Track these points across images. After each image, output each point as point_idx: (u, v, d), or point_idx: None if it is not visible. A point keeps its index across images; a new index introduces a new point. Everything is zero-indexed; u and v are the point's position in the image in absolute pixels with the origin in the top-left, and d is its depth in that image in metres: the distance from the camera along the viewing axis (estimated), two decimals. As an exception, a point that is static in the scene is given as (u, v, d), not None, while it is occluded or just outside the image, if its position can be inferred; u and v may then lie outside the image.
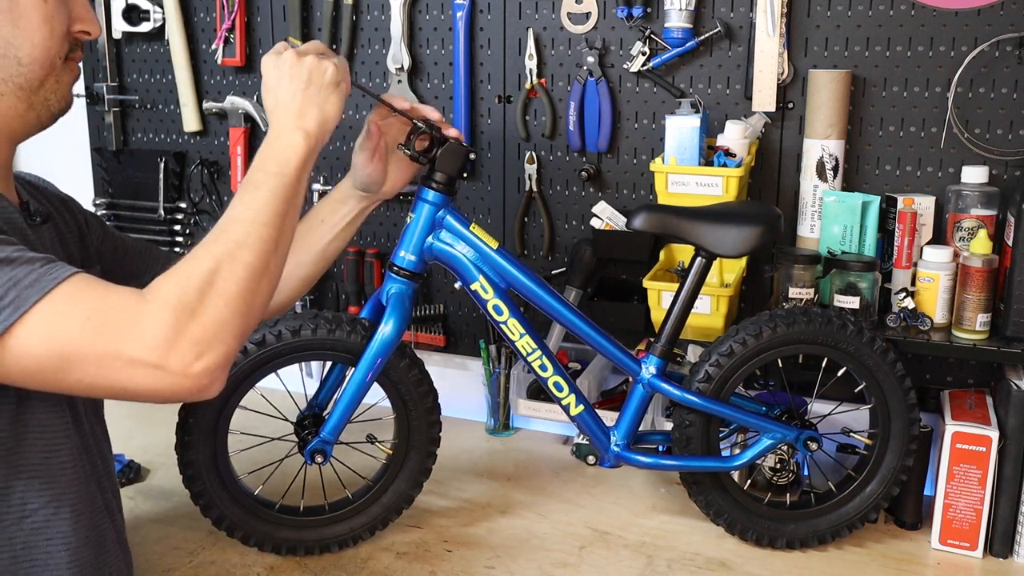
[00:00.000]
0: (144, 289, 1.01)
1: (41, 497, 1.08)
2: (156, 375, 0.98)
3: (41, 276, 0.96)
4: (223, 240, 1.07)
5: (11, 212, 1.11)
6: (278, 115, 1.21)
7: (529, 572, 1.47)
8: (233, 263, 1.05)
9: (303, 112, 1.21)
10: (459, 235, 1.45)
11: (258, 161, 1.18)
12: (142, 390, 0.99)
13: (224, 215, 1.11)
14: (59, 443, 1.10)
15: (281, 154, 1.17)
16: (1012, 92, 1.61)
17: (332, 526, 1.53)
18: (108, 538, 1.19)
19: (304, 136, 1.19)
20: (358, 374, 1.43)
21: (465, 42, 1.90)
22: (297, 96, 1.21)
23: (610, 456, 1.54)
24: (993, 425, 1.48)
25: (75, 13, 1.13)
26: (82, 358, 0.96)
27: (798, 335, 1.46)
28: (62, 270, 0.98)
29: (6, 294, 0.94)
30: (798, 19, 1.70)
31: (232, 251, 1.06)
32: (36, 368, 0.97)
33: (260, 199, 1.12)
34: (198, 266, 1.03)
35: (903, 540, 1.57)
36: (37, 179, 1.30)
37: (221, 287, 1.03)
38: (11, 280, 0.95)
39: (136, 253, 1.41)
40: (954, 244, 1.59)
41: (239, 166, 2.11)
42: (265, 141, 1.20)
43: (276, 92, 1.22)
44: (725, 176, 1.58)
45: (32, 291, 0.95)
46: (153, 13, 2.10)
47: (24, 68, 1.08)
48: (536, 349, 1.48)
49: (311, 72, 1.22)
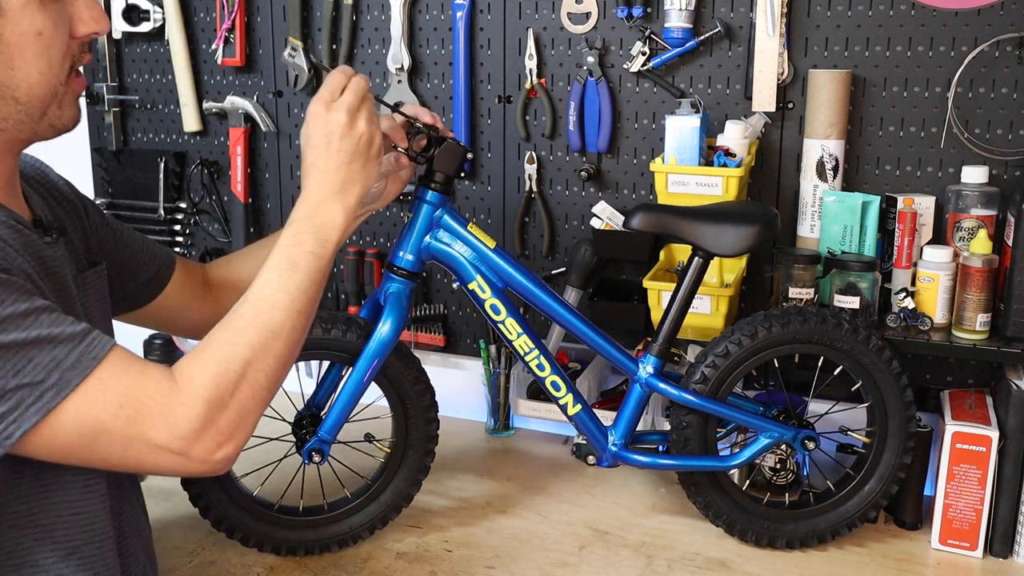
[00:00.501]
0: (176, 370, 1.03)
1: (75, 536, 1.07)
2: (178, 460, 1.01)
3: (82, 356, 0.96)
4: (259, 327, 1.08)
5: (29, 235, 1.06)
6: (319, 182, 1.20)
7: (529, 572, 1.47)
8: (266, 355, 1.07)
9: (346, 187, 1.20)
10: (457, 235, 1.45)
11: (296, 230, 1.17)
12: (161, 471, 1.03)
13: (260, 291, 1.11)
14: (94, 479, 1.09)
15: (322, 232, 1.17)
16: (1012, 92, 1.61)
17: (331, 526, 1.53)
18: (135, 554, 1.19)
19: (345, 212, 1.20)
20: (356, 373, 1.43)
21: (465, 42, 1.90)
22: (342, 170, 1.20)
23: (608, 456, 1.54)
24: (993, 425, 1.48)
25: (77, 15, 1.04)
26: (111, 441, 0.98)
27: (793, 335, 1.46)
28: (99, 347, 0.97)
29: (48, 376, 0.94)
30: (798, 19, 1.70)
31: (267, 342, 1.07)
32: (65, 449, 0.97)
33: (296, 283, 1.12)
34: (234, 356, 1.04)
35: (903, 540, 1.56)
36: (36, 167, 1.25)
37: (252, 379, 1.05)
38: (53, 360, 0.94)
39: (133, 247, 1.38)
40: (954, 244, 1.59)
41: (239, 166, 2.11)
42: (303, 206, 1.19)
43: (321, 154, 1.20)
44: (725, 176, 1.58)
45: (73, 373, 0.95)
46: (153, 13, 2.10)
47: (23, 105, 1.02)
48: (534, 348, 1.48)
49: (361, 145, 1.21)
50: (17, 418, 0.93)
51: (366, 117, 1.22)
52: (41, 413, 0.93)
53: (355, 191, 1.22)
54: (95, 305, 1.20)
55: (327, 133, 1.20)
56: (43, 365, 0.93)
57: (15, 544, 1.03)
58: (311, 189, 1.20)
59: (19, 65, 0.99)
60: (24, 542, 1.03)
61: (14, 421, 0.93)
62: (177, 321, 1.47)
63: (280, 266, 1.13)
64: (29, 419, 0.93)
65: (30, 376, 0.93)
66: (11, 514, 1.02)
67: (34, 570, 1.04)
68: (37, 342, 0.93)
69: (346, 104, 1.21)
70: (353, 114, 1.21)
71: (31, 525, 1.04)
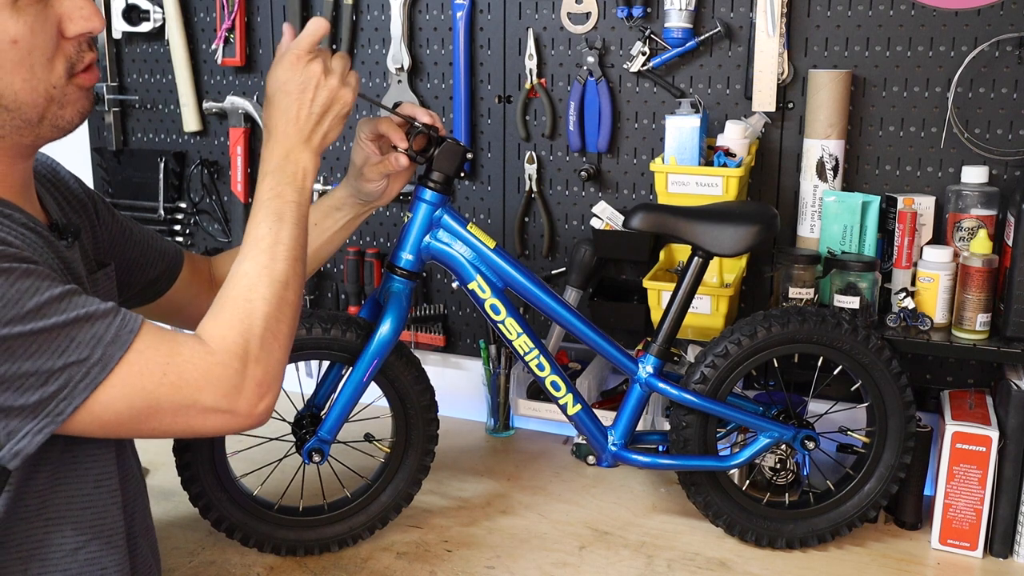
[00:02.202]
0: (204, 336, 1.07)
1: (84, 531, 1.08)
2: (227, 418, 1.06)
3: (119, 330, 0.99)
4: (269, 281, 1.13)
5: (49, 239, 1.07)
6: (287, 129, 1.21)
7: (529, 572, 1.47)
8: (283, 305, 1.13)
9: (314, 135, 1.22)
10: (456, 234, 1.45)
11: (273, 182, 1.19)
12: (211, 431, 1.07)
13: (258, 244, 1.15)
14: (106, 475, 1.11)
15: (297, 179, 1.20)
16: (1012, 92, 1.61)
17: (331, 525, 1.53)
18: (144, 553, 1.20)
19: (313, 158, 1.22)
20: (356, 373, 1.43)
21: (465, 42, 1.90)
22: (312, 119, 1.22)
23: (607, 455, 1.54)
24: (993, 425, 1.48)
25: (66, 14, 1.01)
26: (160, 410, 1.02)
27: (793, 334, 1.46)
28: (133, 320, 1.01)
29: (92, 352, 0.97)
30: (798, 19, 1.70)
31: (280, 293, 1.13)
32: (115, 423, 1.00)
33: (288, 232, 1.17)
34: (254, 312, 1.10)
35: (903, 540, 1.56)
36: (48, 164, 1.24)
37: (275, 329, 1.11)
38: (94, 337, 0.97)
39: (143, 245, 1.39)
40: (954, 244, 1.59)
41: (239, 166, 2.11)
42: (272, 154, 1.20)
43: (292, 102, 1.20)
44: (725, 176, 1.58)
45: (115, 347, 0.98)
46: (153, 13, 2.11)
47: (14, 112, 1.01)
48: (533, 348, 1.48)
49: (333, 100, 1.23)
50: (67, 395, 0.96)
51: (339, 74, 1.24)
52: (90, 389, 0.96)
53: (318, 141, 1.23)
54: None
55: (299, 84, 1.20)
56: (85, 342, 0.96)
57: (25, 536, 1.04)
58: (279, 137, 1.21)
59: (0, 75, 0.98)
60: (35, 535, 1.05)
61: (64, 398, 0.96)
62: (183, 314, 1.48)
63: (268, 220, 1.16)
64: (79, 395, 0.96)
65: (75, 354, 0.96)
66: (23, 507, 1.03)
67: (43, 563, 1.05)
68: (76, 322, 0.96)
69: (322, 57, 1.23)
70: (328, 67, 1.22)
71: (42, 518, 1.05)
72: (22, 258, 0.96)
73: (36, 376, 0.94)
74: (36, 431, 0.96)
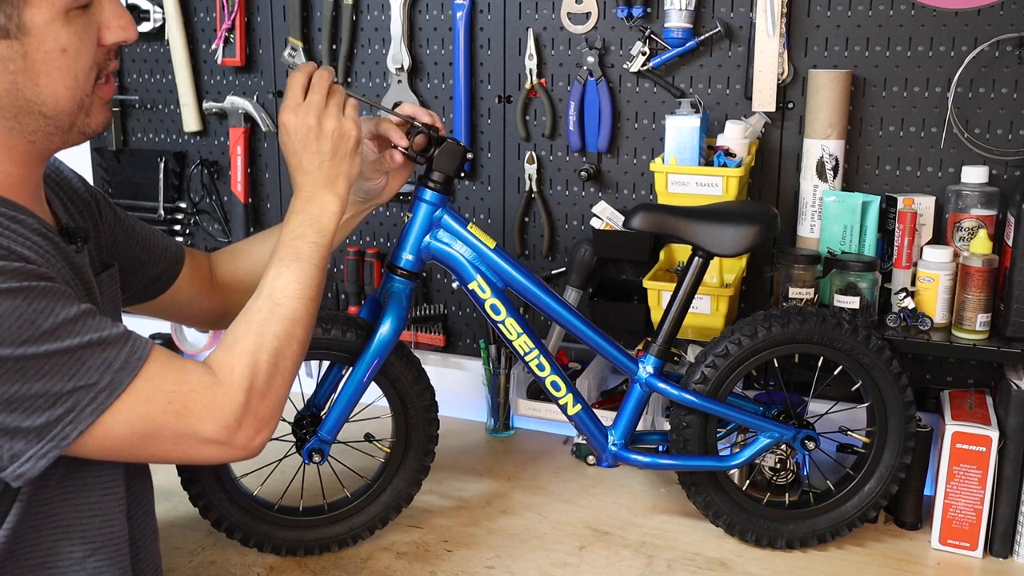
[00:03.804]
0: (213, 365, 1.09)
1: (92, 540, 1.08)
2: (223, 450, 1.08)
3: (129, 356, 1.00)
4: (280, 318, 1.15)
5: (59, 244, 1.07)
6: (306, 181, 1.26)
7: (529, 572, 1.47)
8: (291, 342, 1.15)
9: (332, 179, 1.26)
10: (456, 235, 1.45)
11: (296, 223, 1.23)
12: (205, 461, 1.10)
13: (274, 284, 1.18)
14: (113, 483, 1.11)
15: (319, 222, 1.24)
16: (1012, 92, 1.61)
17: (331, 526, 1.53)
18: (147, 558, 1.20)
19: (338, 200, 1.26)
20: (356, 373, 1.43)
21: (465, 42, 1.90)
22: (324, 167, 1.25)
23: (607, 455, 1.54)
24: (993, 425, 1.48)
25: (104, 23, 1.03)
26: (160, 437, 1.03)
27: (793, 335, 1.46)
28: (143, 346, 1.02)
29: (101, 378, 0.98)
30: (798, 19, 1.70)
31: (290, 330, 1.15)
32: (116, 448, 1.01)
33: (305, 272, 1.20)
34: (264, 347, 1.12)
35: (903, 540, 1.56)
36: (52, 164, 1.24)
37: (283, 367, 1.13)
38: (104, 362, 0.98)
39: (146, 243, 1.39)
40: (954, 244, 1.59)
41: (239, 166, 2.11)
42: (297, 202, 1.25)
43: (301, 158, 1.25)
44: (725, 176, 1.58)
45: (124, 373, 0.99)
46: (153, 13, 2.11)
47: (51, 119, 1.02)
48: (533, 348, 1.48)
49: (335, 143, 1.26)
50: (73, 419, 0.96)
51: (334, 114, 1.26)
52: (96, 414, 0.97)
53: (342, 182, 1.27)
54: (109, 307, 1.21)
55: (301, 139, 1.24)
56: (95, 367, 0.97)
57: (34, 544, 1.04)
58: (301, 187, 1.26)
59: (45, 82, 0.99)
60: (44, 542, 1.05)
61: (71, 422, 0.96)
62: (184, 311, 1.49)
63: (287, 258, 1.20)
64: (85, 420, 0.97)
65: (84, 379, 0.96)
66: (33, 516, 1.03)
67: (52, 571, 1.06)
68: (89, 346, 0.97)
69: (312, 106, 1.25)
70: (320, 114, 1.25)
71: (52, 526, 1.05)
72: (40, 275, 0.97)
73: (45, 398, 0.94)
74: (40, 455, 0.96)
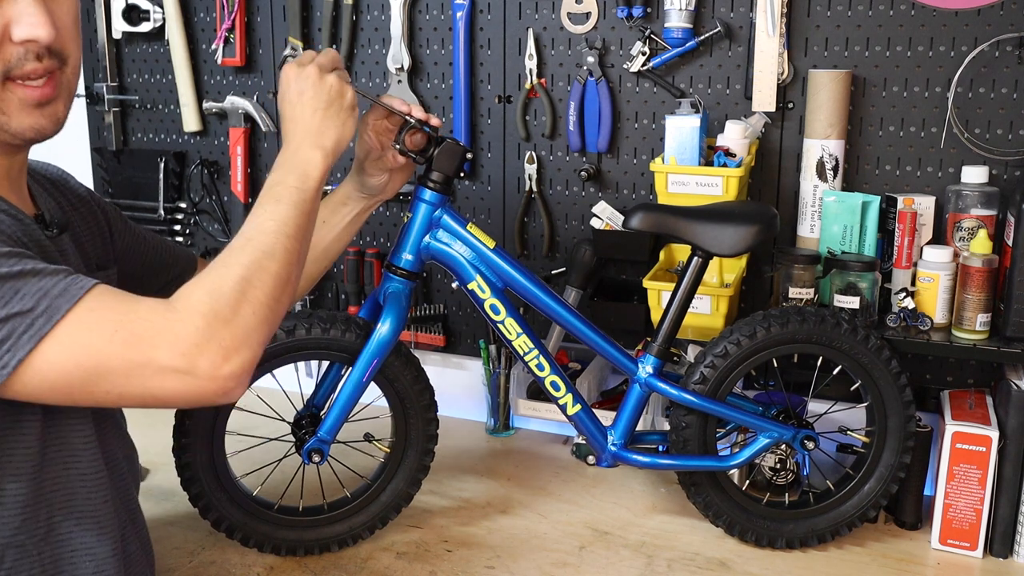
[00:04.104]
0: (171, 299, 1.02)
1: (66, 513, 1.08)
2: (185, 380, 0.99)
3: (69, 285, 0.96)
4: (251, 250, 1.10)
5: (29, 225, 1.08)
6: (296, 130, 1.25)
7: (529, 572, 1.47)
8: (261, 273, 1.08)
9: (321, 131, 1.25)
10: (456, 234, 1.45)
11: (278, 173, 1.21)
12: (170, 395, 1.00)
13: (248, 224, 1.14)
14: (82, 457, 1.10)
15: (301, 169, 1.22)
16: (1012, 92, 1.61)
17: (331, 525, 1.53)
18: (132, 547, 1.19)
19: (323, 154, 1.24)
20: (355, 373, 1.43)
21: (465, 42, 1.90)
22: (317, 115, 1.25)
23: (607, 455, 1.54)
24: (993, 425, 1.48)
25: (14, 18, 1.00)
26: (111, 369, 0.97)
27: (792, 335, 1.46)
28: (86, 280, 0.98)
29: (37, 304, 0.94)
30: (798, 19, 1.70)
31: (260, 261, 1.09)
32: (64, 383, 0.96)
33: (283, 211, 1.16)
34: (228, 274, 1.06)
35: (903, 540, 1.56)
36: (57, 173, 1.27)
37: (251, 295, 1.05)
38: (40, 290, 0.95)
39: (154, 248, 1.42)
40: (954, 244, 1.59)
41: (239, 166, 2.11)
42: (283, 153, 1.24)
43: (296, 106, 1.26)
44: (725, 176, 1.58)
45: (62, 300, 0.95)
46: (153, 13, 2.11)
47: None
48: (533, 348, 1.48)
49: (332, 94, 1.27)
50: (11, 347, 0.93)
51: (336, 74, 1.28)
52: (34, 340, 0.93)
53: (331, 135, 1.26)
54: None
55: (298, 88, 1.26)
56: (31, 294, 0.94)
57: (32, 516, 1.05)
58: (288, 138, 1.25)
59: None
60: (40, 513, 1.05)
61: (8, 350, 0.93)
62: None
63: (265, 202, 1.17)
64: (23, 347, 0.93)
65: (19, 305, 0.93)
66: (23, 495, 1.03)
67: (59, 539, 1.07)
68: (22, 275, 0.94)
69: (317, 63, 1.28)
70: (322, 69, 1.27)
71: (43, 503, 1.06)
72: None
73: None
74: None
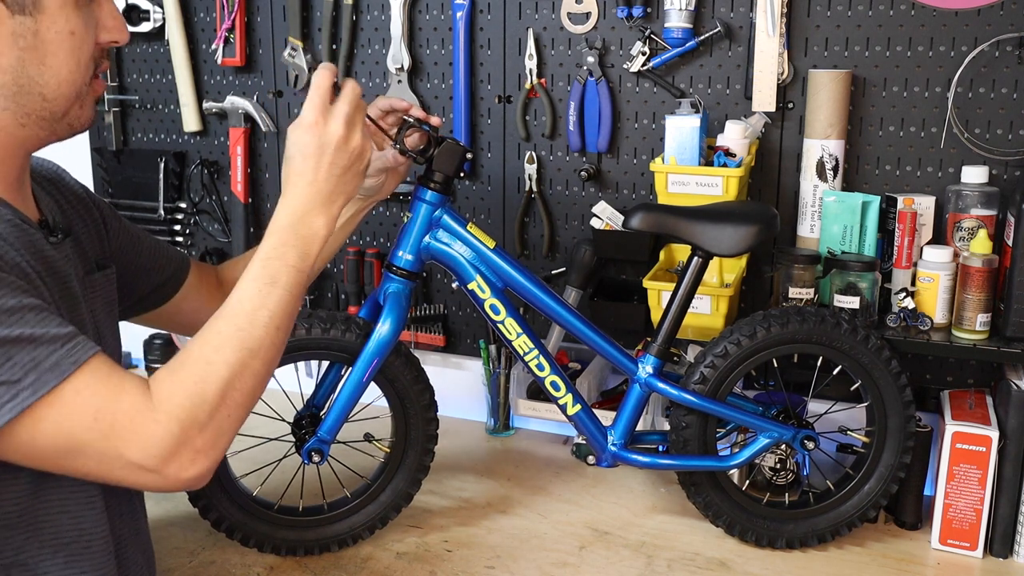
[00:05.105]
0: (153, 390, 1.00)
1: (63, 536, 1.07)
2: (151, 477, 0.99)
3: (62, 359, 0.94)
4: (238, 345, 1.05)
5: (33, 234, 1.06)
6: (306, 190, 1.17)
7: (529, 572, 1.47)
8: (245, 374, 1.05)
9: (333, 196, 1.19)
10: (456, 234, 1.45)
11: (278, 244, 1.14)
12: (135, 485, 1.01)
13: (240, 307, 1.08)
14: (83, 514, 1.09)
15: (304, 245, 1.15)
16: (1012, 92, 1.61)
17: (331, 525, 1.53)
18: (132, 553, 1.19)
19: (328, 224, 1.18)
20: (355, 373, 1.43)
21: (465, 42, 1.90)
22: (332, 180, 1.18)
23: (607, 455, 1.54)
24: (993, 425, 1.48)
25: (101, 22, 1.07)
26: (83, 452, 0.97)
27: (792, 335, 1.46)
28: (81, 351, 0.96)
29: (25, 376, 0.92)
30: (798, 19, 1.70)
31: (245, 361, 1.05)
32: (39, 455, 0.97)
33: (276, 298, 1.10)
34: (212, 376, 1.02)
35: (903, 540, 1.56)
36: (52, 170, 1.25)
37: (230, 399, 1.03)
38: (33, 360, 0.93)
39: (148, 248, 1.40)
40: (954, 244, 1.59)
41: (239, 166, 2.11)
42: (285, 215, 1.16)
43: (311, 165, 1.17)
44: (725, 176, 1.58)
45: (51, 375, 0.93)
46: (153, 13, 2.11)
47: (49, 103, 1.04)
48: (533, 348, 1.48)
49: (352, 159, 1.19)
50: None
51: (360, 131, 1.21)
52: (14, 412, 0.92)
53: (341, 200, 1.20)
54: (102, 308, 1.20)
55: (321, 144, 1.17)
56: (22, 364, 0.92)
57: (5, 543, 1.03)
58: (295, 198, 1.17)
59: (51, 62, 1.02)
60: (14, 540, 1.03)
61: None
62: (191, 322, 1.47)
63: (260, 280, 1.11)
64: (2, 417, 0.92)
65: (7, 374, 0.92)
66: (3, 514, 1.02)
67: (23, 569, 1.04)
68: (19, 341, 0.92)
69: (343, 115, 1.19)
70: (350, 126, 1.19)
71: (22, 524, 1.04)
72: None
73: None
74: None
